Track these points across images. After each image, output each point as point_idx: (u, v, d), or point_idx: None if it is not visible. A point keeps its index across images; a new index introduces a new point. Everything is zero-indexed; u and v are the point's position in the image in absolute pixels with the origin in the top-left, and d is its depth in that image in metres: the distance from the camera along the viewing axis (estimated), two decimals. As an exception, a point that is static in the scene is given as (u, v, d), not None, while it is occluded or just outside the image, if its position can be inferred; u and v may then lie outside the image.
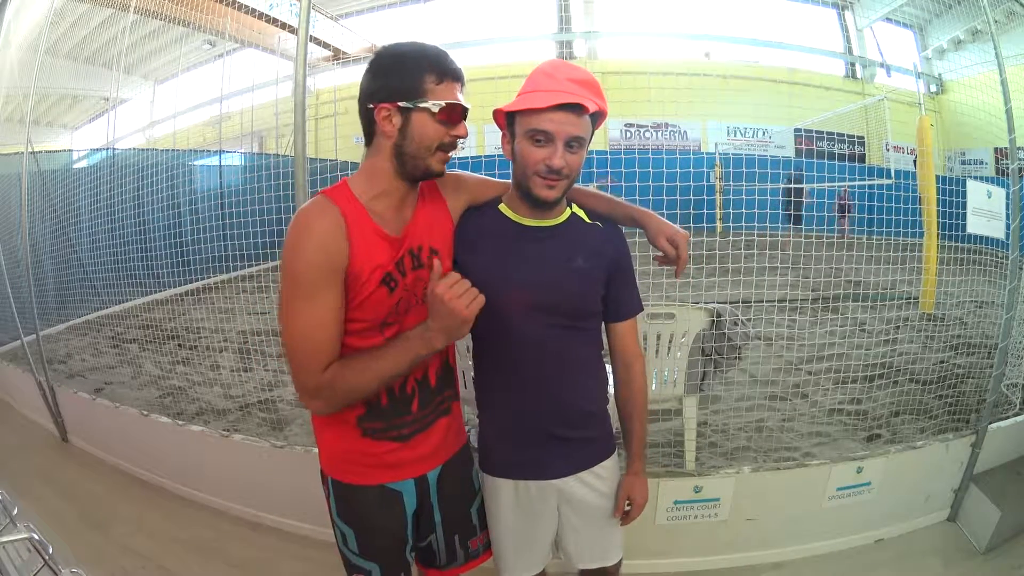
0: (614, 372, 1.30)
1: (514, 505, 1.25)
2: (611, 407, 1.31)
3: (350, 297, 1.05)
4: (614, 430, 1.32)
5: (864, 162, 12.00)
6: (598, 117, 1.12)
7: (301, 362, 1.02)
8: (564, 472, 1.23)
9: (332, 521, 1.18)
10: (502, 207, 1.21)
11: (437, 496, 1.21)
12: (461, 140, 1.10)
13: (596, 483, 1.26)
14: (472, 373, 1.30)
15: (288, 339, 1.02)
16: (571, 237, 1.19)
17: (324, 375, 1.02)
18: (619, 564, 1.33)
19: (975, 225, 2.26)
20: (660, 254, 1.22)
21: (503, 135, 1.17)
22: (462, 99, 1.08)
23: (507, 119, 1.15)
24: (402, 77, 1.04)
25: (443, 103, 1.04)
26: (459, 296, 1.00)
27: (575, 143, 1.09)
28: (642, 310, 1.28)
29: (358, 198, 1.06)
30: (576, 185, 1.20)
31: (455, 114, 1.06)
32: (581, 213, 1.24)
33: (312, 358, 1.02)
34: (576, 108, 1.06)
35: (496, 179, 1.30)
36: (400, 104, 1.03)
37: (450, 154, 1.10)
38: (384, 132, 1.06)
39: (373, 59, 1.07)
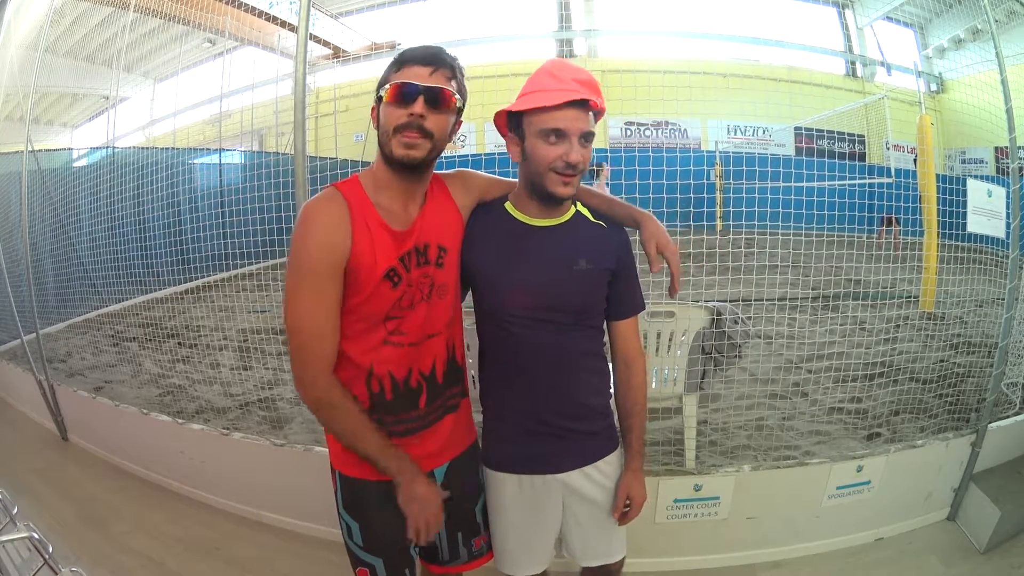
0: (615, 370, 1.30)
1: (518, 500, 1.26)
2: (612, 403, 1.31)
3: (353, 291, 1.06)
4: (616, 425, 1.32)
5: (864, 160, 11.99)
6: (596, 116, 1.14)
7: (302, 349, 1.06)
8: (568, 466, 1.24)
9: (338, 514, 1.20)
10: (507, 206, 1.22)
11: None
12: (423, 119, 1.03)
13: (600, 478, 1.26)
14: (476, 371, 1.30)
15: (292, 323, 1.06)
16: (574, 236, 1.19)
17: (330, 391, 1.07)
18: (622, 562, 1.34)
19: (976, 224, 2.26)
20: (661, 263, 1.21)
21: (509, 137, 1.16)
22: (419, 78, 1.03)
23: (510, 122, 1.15)
24: (382, 75, 1.09)
25: (387, 86, 1.05)
26: (422, 517, 1.10)
27: (587, 138, 1.11)
28: (643, 309, 1.28)
29: (366, 192, 1.10)
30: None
31: (402, 94, 1.04)
32: (585, 211, 1.24)
33: (315, 344, 1.06)
34: (585, 104, 1.09)
35: (504, 178, 1.30)
36: (377, 99, 1.09)
37: (413, 138, 1.04)
38: (373, 126, 1.12)
39: None
